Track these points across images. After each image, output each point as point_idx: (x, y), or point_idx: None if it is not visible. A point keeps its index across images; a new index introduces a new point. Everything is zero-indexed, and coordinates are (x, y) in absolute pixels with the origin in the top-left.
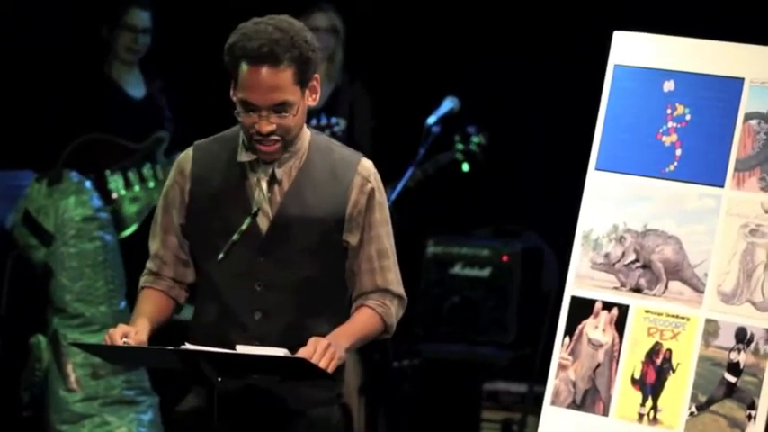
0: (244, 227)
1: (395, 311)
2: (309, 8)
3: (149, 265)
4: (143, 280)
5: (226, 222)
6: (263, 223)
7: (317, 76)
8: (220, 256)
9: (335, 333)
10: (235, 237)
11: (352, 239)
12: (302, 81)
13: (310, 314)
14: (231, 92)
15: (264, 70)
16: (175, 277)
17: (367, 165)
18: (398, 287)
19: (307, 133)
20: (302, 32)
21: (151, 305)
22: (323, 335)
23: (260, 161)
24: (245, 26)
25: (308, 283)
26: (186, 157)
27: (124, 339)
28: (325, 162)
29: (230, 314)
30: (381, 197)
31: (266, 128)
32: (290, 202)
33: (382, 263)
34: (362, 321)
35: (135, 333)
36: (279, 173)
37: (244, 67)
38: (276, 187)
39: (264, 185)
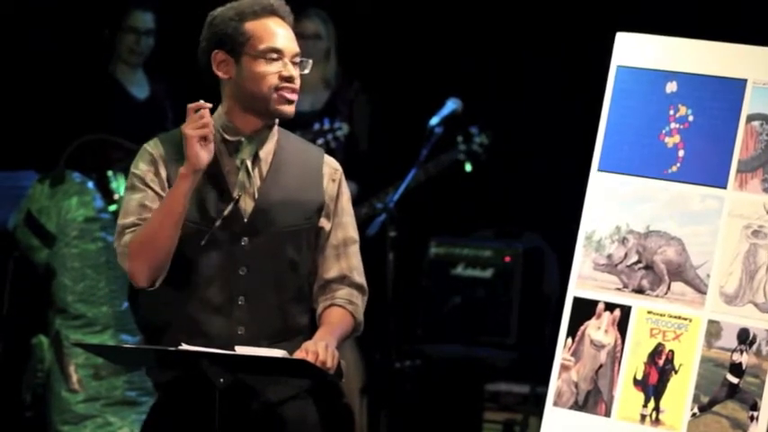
0: (227, 212)
1: (362, 308)
2: (295, 15)
3: (132, 230)
4: (128, 238)
5: (203, 208)
6: (248, 205)
7: None
8: (203, 241)
9: (322, 334)
10: (219, 222)
11: (327, 225)
12: None
13: (291, 300)
14: (224, 62)
15: (286, 23)
16: None
17: (326, 155)
18: (361, 276)
19: None
20: None
21: None
22: (300, 324)
23: (241, 141)
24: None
25: (290, 267)
26: (156, 144)
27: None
28: (293, 147)
29: (213, 301)
30: (347, 187)
31: (294, 72)
32: (271, 184)
33: (348, 249)
34: (339, 322)
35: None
36: (261, 153)
37: (266, 20)
38: (255, 169)
39: (250, 165)
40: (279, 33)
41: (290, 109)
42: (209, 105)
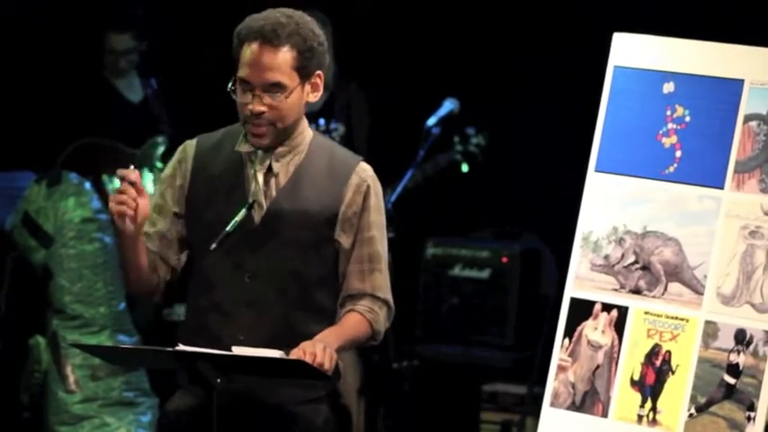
0: (238, 218)
1: (383, 319)
2: None
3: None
4: None
5: (222, 213)
6: (257, 215)
7: (320, 73)
8: (213, 245)
9: (325, 334)
10: (229, 227)
11: (345, 240)
12: (302, 69)
13: (297, 309)
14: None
15: (265, 49)
16: (159, 252)
17: (366, 167)
18: (387, 293)
19: (309, 132)
20: (310, 24)
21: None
22: (310, 332)
23: (257, 152)
24: (256, 14)
25: (295, 277)
26: (190, 146)
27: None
28: (324, 161)
29: (219, 306)
30: (378, 201)
31: (258, 107)
32: (284, 196)
33: (373, 266)
34: (351, 325)
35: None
36: (276, 166)
37: (246, 47)
38: (273, 181)
39: (261, 177)
40: (250, 62)
41: (258, 142)
42: (135, 176)
